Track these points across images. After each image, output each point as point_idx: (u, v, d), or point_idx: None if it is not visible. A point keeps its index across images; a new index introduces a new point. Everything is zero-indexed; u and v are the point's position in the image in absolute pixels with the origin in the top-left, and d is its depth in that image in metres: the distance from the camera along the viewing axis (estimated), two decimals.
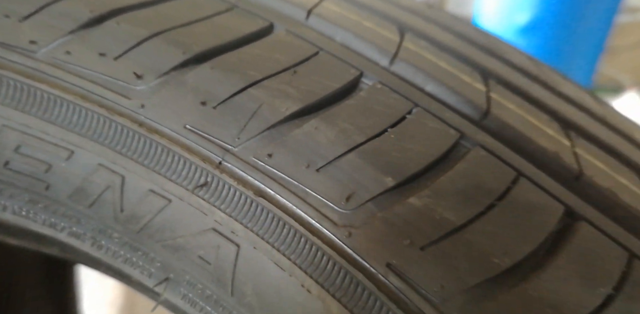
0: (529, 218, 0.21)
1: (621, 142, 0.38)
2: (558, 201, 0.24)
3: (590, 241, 0.21)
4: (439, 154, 0.24)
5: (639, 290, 0.19)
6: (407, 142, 0.24)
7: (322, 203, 0.21)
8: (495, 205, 0.22)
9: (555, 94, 0.43)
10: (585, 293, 0.18)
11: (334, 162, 0.21)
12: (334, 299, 0.19)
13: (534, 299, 0.17)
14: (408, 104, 0.29)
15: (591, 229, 0.22)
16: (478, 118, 0.32)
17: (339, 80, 0.28)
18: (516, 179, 0.25)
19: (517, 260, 0.19)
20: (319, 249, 0.20)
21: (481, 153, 0.26)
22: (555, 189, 0.25)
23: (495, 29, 1.35)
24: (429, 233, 0.20)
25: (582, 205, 0.25)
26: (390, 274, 0.19)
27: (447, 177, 0.22)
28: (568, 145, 0.33)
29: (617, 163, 0.34)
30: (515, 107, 0.36)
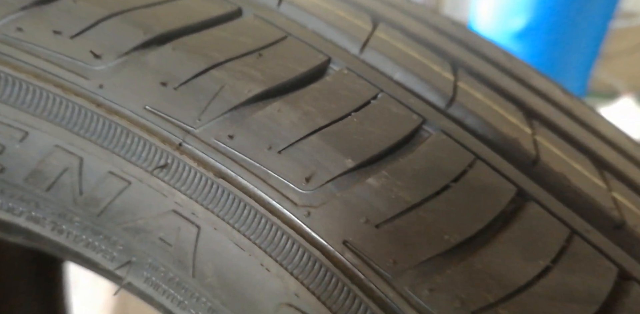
0: (482, 198, 0.22)
1: (582, 131, 0.40)
2: (512, 184, 0.25)
3: (536, 219, 0.22)
4: (399, 138, 0.25)
5: (575, 262, 0.20)
6: (369, 126, 0.25)
7: (283, 184, 0.21)
8: (449, 186, 0.22)
9: (524, 86, 0.44)
10: (525, 264, 0.19)
11: (296, 144, 0.22)
12: (292, 277, 0.20)
13: (478, 271, 0.18)
14: (373, 90, 0.29)
15: (538, 208, 0.23)
16: (444, 106, 0.33)
17: (305, 64, 0.28)
18: (473, 162, 0.26)
19: (467, 236, 0.20)
20: (279, 229, 0.20)
21: (441, 137, 0.27)
22: (511, 172, 0.27)
23: (490, 33, 1.34)
24: (384, 211, 0.20)
25: (534, 187, 0.26)
26: (347, 251, 0.19)
27: (406, 159, 0.23)
28: (529, 132, 0.34)
29: (574, 151, 0.35)
30: (482, 96, 0.37)
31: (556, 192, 0.28)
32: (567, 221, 0.23)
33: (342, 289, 0.19)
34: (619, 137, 0.44)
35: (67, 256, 0.29)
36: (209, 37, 0.26)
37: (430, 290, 0.18)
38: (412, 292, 0.19)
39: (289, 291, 0.20)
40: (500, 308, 0.18)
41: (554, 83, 0.50)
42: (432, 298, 0.18)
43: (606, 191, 0.31)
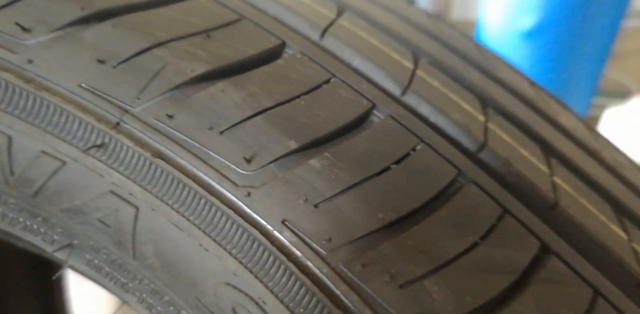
0: (421, 180, 0.23)
1: (539, 121, 0.41)
2: (453, 167, 0.26)
3: (471, 199, 0.23)
4: (346, 121, 0.25)
5: (501, 239, 0.21)
6: (317, 109, 0.25)
7: (224, 165, 0.21)
8: (390, 167, 0.23)
9: (488, 77, 0.45)
10: (454, 240, 0.20)
11: (239, 125, 0.22)
12: (231, 256, 0.20)
13: (408, 247, 0.19)
14: (326, 75, 0.29)
15: (476, 190, 0.24)
16: (398, 93, 0.34)
17: (256, 47, 0.28)
18: (417, 145, 0.26)
19: (401, 214, 0.20)
20: (218, 209, 0.20)
21: (388, 122, 0.27)
22: (454, 156, 0.28)
23: (499, 33, 1.30)
24: (323, 191, 0.21)
25: (475, 170, 0.27)
26: (285, 230, 0.20)
27: (351, 142, 0.23)
28: (482, 120, 0.35)
29: (525, 138, 0.37)
30: (439, 84, 0.38)
31: (497, 175, 0.30)
32: (502, 202, 0.24)
33: (279, 267, 0.20)
34: (579, 128, 0.46)
35: (19, 242, 0.28)
36: (156, 17, 0.26)
37: (362, 265, 0.19)
38: (345, 268, 0.19)
39: (228, 270, 0.20)
40: (427, 280, 0.19)
41: (522, 76, 0.51)
42: (364, 272, 0.19)
43: (548, 175, 0.33)
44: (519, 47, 1.30)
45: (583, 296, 0.20)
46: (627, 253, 0.27)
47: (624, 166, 0.42)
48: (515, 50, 1.31)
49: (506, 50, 1.32)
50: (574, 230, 0.27)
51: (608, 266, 0.25)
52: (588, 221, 0.29)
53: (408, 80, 0.35)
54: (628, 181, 0.40)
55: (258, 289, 0.20)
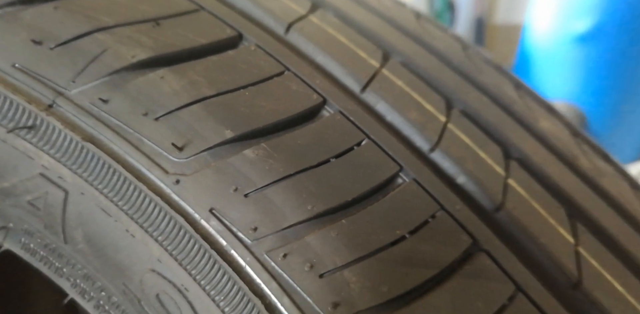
0: (358, 174, 0.23)
1: (509, 124, 0.42)
2: (396, 163, 0.26)
3: (408, 195, 0.24)
4: (290, 114, 0.25)
5: (433, 234, 0.22)
6: (261, 100, 0.25)
7: (156, 152, 0.21)
8: (330, 160, 0.23)
9: (464, 79, 0.45)
10: (381, 234, 0.20)
11: (175, 112, 0.22)
12: (156, 243, 0.20)
13: (332, 238, 0.19)
14: (278, 68, 0.29)
15: (415, 187, 0.25)
16: (357, 90, 0.34)
17: (209, 37, 0.28)
18: (362, 141, 0.27)
19: (331, 206, 0.21)
20: (146, 195, 0.20)
21: (336, 117, 0.27)
22: (400, 154, 0.28)
23: (549, 38, 1.20)
24: (255, 181, 0.21)
25: (420, 168, 0.28)
26: (212, 218, 0.20)
27: (292, 134, 0.24)
28: (442, 120, 0.36)
29: (487, 141, 0.37)
30: (403, 84, 0.38)
31: (445, 175, 0.30)
32: (440, 200, 0.25)
33: (203, 255, 0.20)
34: (560, 133, 0.46)
35: None
36: (103, 2, 0.25)
37: (284, 255, 0.19)
38: (268, 257, 0.19)
39: (153, 257, 0.20)
40: (347, 270, 0.19)
41: (510, 79, 0.51)
42: (285, 262, 0.19)
43: (502, 177, 0.33)
44: (572, 52, 1.19)
45: (503, 291, 0.21)
46: (567, 256, 0.28)
47: (604, 174, 0.43)
48: (567, 55, 1.21)
49: (557, 56, 1.22)
50: (516, 230, 0.28)
51: (544, 267, 0.26)
52: (532, 223, 0.29)
53: (369, 78, 0.35)
54: (601, 188, 0.41)
55: (181, 277, 0.20)
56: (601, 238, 0.33)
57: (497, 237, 0.25)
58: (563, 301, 0.23)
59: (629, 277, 0.30)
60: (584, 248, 0.29)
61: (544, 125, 0.46)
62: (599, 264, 0.28)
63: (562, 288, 0.25)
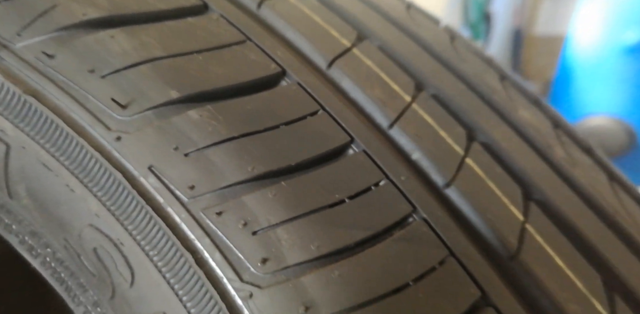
0: (306, 142, 0.24)
1: (481, 109, 0.42)
2: (347, 135, 0.27)
3: (354, 164, 0.24)
4: (243, 81, 0.25)
5: (372, 201, 0.22)
6: (214, 65, 0.25)
7: (100, 109, 0.21)
8: (278, 127, 0.24)
9: (443, 65, 0.45)
10: (319, 196, 0.20)
11: (122, 71, 0.22)
12: (95, 198, 0.20)
13: (269, 199, 0.20)
14: (239, 37, 0.29)
15: (363, 157, 0.25)
16: (324, 66, 0.34)
17: (169, 3, 0.28)
18: (316, 112, 0.27)
19: (271, 169, 0.21)
20: (87, 151, 0.21)
21: (292, 87, 0.28)
22: (355, 127, 0.28)
23: (595, 49, 1.16)
24: (196, 141, 0.21)
25: (374, 142, 0.28)
26: (150, 176, 0.20)
27: (242, 100, 0.24)
28: (407, 100, 0.36)
29: (451, 121, 0.37)
30: (373, 63, 0.38)
31: (401, 150, 0.31)
32: (387, 171, 0.25)
33: (140, 210, 0.20)
34: (539, 124, 0.46)
35: None
36: None
37: (219, 213, 0.20)
38: (204, 214, 0.20)
39: (91, 212, 0.20)
40: (280, 229, 0.19)
41: (496, 70, 0.51)
42: (219, 219, 0.19)
43: (459, 156, 0.34)
44: (620, 65, 1.16)
45: (434, 256, 0.21)
46: (512, 230, 0.29)
47: (578, 164, 0.43)
48: (615, 68, 1.17)
49: (603, 68, 1.18)
50: (463, 204, 0.28)
51: (484, 237, 0.26)
52: (482, 199, 0.30)
53: (336, 55, 0.35)
54: (569, 176, 0.41)
55: (117, 231, 0.20)
56: (556, 221, 0.34)
57: (440, 208, 0.25)
58: (497, 269, 0.24)
59: (576, 257, 0.30)
60: (532, 225, 0.30)
61: (523, 114, 0.46)
62: (544, 240, 0.29)
63: (498, 257, 0.25)
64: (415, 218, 0.24)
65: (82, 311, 0.22)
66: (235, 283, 0.18)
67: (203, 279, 0.18)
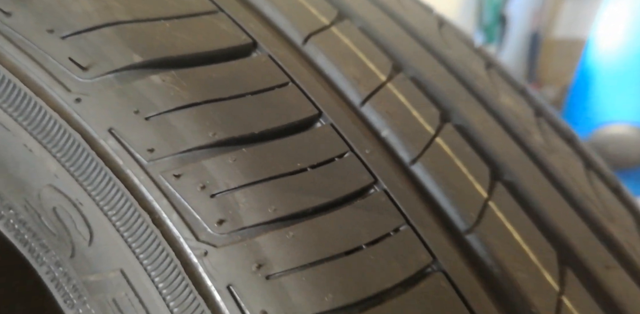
0: (271, 111, 0.24)
1: (461, 93, 0.42)
2: (315, 108, 0.27)
3: (320, 136, 0.25)
4: (210, 49, 0.25)
5: (335, 170, 0.23)
6: (181, 33, 0.25)
7: (60, 70, 0.21)
8: (244, 95, 0.24)
9: (425, 49, 0.45)
10: (282, 163, 0.21)
11: (84, 33, 0.21)
12: (54, 158, 0.20)
13: (229, 164, 0.20)
14: (210, 7, 0.29)
15: (329, 130, 0.26)
16: (299, 42, 0.34)
17: None
18: (285, 84, 0.27)
19: (234, 136, 0.21)
20: (46, 112, 0.21)
21: (262, 59, 0.28)
22: (325, 102, 0.28)
23: (618, 53, 1.11)
24: (158, 105, 0.21)
25: (343, 117, 0.28)
26: (110, 138, 0.20)
27: (208, 67, 0.24)
28: (382, 79, 0.36)
29: (425, 102, 0.38)
30: (350, 42, 0.38)
31: (371, 127, 0.31)
32: (352, 144, 0.26)
33: (99, 172, 0.20)
34: (520, 112, 0.46)
35: None
36: None
37: (178, 176, 0.20)
38: (162, 176, 0.20)
39: (50, 172, 0.21)
40: (238, 192, 0.20)
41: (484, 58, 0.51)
42: (178, 182, 0.20)
43: (430, 135, 0.34)
44: None
45: (390, 223, 0.22)
46: (473, 205, 0.30)
47: (555, 151, 0.44)
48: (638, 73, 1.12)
49: (626, 74, 1.14)
50: (426, 179, 0.29)
51: (444, 210, 0.27)
52: (446, 177, 0.31)
53: (312, 31, 0.35)
54: (543, 161, 0.42)
55: (76, 192, 0.20)
56: (521, 201, 0.35)
57: (402, 181, 0.26)
58: (453, 240, 0.25)
59: (535, 234, 0.32)
60: (495, 202, 0.31)
61: (505, 101, 0.46)
62: (505, 217, 0.30)
63: (456, 229, 0.26)
64: (376, 189, 0.25)
65: (45, 271, 0.22)
66: (192, 242, 0.19)
67: (160, 238, 0.19)
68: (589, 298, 0.28)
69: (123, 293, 0.19)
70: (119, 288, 0.19)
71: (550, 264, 0.28)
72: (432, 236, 0.23)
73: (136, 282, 0.19)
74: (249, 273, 0.18)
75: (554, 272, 0.28)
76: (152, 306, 0.19)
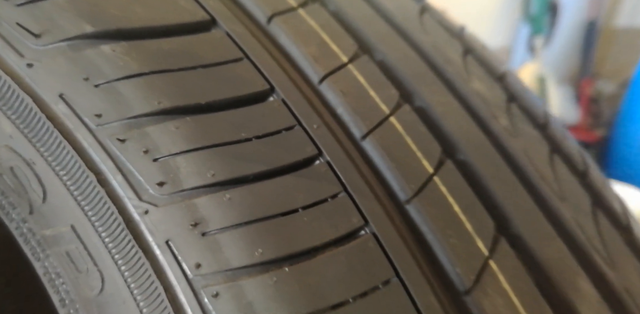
0: (221, 83, 0.25)
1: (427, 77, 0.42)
2: (267, 83, 0.28)
3: (270, 109, 0.26)
4: (165, 23, 0.26)
5: (279, 142, 0.24)
6: (137, 7, 0.26)
7: (13, 36, 0.22)
8: (195, 68, 0.25)
9: (399, 34, 0.45)
10: (225, 132, 0.22)
11: (38, 2, 0.22)
12: (9, 120, 0.22)
13: (172, 130, 0.21)
14: None
15: (279, 104, 0.27)
16: (263, 21, 0.35)
17: None
18: (239, 59, 0.28)
19: (179, 105, 0.22)
20: (0, 76, 0.21)
21: (219, 35, 0.28)
22: (278, 79, 0.29)
23: None
24: (107, 74, 0.22)
25: (292, 91, 0.29)
26: (60, 102, 0.21)
27: (160, 40, 0.25)
28: (344, 60, 0.37)
29: (384, 83, 0.38)
30: (317, 25, 0.39)
31: (329, 106, 0.32)
32: (301, 117, 0.27)
33: (51, 133, 0.21)
34: (490, 95, 0.47)
35: None
36: None
37: (122, 140, 0.21)
38: (109, 141, 0.21)
39: (5, 133, 0.22)
40: (180, 157, 0.21)
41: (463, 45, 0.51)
42: (124, 145, 0.21)
43: (384, 114, 0.35)
44: None
45: (327, 190, 0.24)
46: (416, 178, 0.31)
47: (520, 135, 0.44)
48: None
49: None
50: (375, 153, 0.31)
51: (385, 180, 0.29)
52: (392, 150, 0.32)
53: (276, 12, 0.36)
54: (503, 144, 0.43)
55: (30, 152, 0.21)
56: (469, 178, 0.36)
57: (346, 153, 0.27)
58: (390, 208, 0.27)
59: (475, 207, 0.33)
60: (440, 177, 0.33)
61: (475, 86, 0.47)
62: (447, 190, 0.32)
63: (395, 199, 0.28)
64: (320, 160, 0.26)
65: (15, 227, 0.24)
66: (134, 201, 0.20)
67: (105, 197, 0.20)
68: (519, 264, 0.30)
69: (74, 246, 0.21)
70: (70, 241, 0.21)
71: (485, 232, 0.30)
72: (367, 204, 0.25)
73: (85, 236, 0.21)
74: (186, 230, 0.20)
75: (487, 240, 0.29)
76: (99, 258, 0.20)
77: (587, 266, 0.34)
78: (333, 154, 0.26)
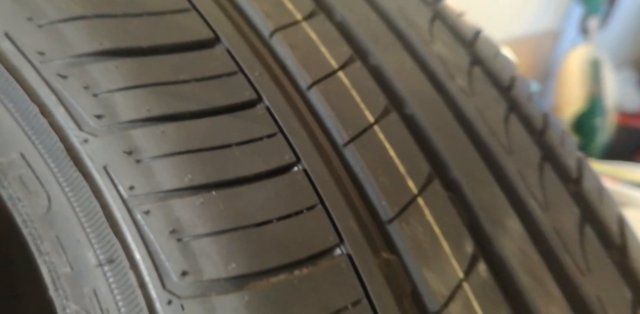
0: (165, 30, 0.26)
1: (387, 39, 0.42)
2: (212, 32, 0.29)
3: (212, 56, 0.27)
4: None
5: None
6: None
7: None
8: (140, 15, 0.26)
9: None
10: (166, 75, 0.23)
11: None
12: None
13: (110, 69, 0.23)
14: None
15: (220, 52, 0.28)
16: None
17: None
18: (187, 10, 0.29)
19: (120, 46, 0.23)
20: None
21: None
22: (224, 29, 0.30)
23: None
24: (50, 15, 0.23)
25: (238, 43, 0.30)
26: (6, 40, 0.22)
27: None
28: (297, 18, 0.37)
29: (339, 42, 0.38)
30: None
31: (277, 59, 0.33)
32: (241, 63, 0.28)
33: None
34: (451, 58, 0.47)
35: None
36: None
37: (64, 76, 0.22)
38: (53, 77, 0.23)
39: None
40: (118, 94, 0.23)
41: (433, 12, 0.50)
42: (65, 82, 0.22)
43: (332, 69, 0.36)
44: None
45: (262, 130, 0.25)
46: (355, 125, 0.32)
47: (475, 94, 0.45)
48: None
49: None
50: (319, 103, 0.32)
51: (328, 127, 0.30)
52: (339, 102, 0.33)
53: None
54: (455, 102, 0.43)
55: None
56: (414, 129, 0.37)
57: (286, 101, 0.29)
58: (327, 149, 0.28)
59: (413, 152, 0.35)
60: (381, 127, 0.34)
61: (436, 48, 0.46)
62: (385, 138, 0.33)
63: (333, 142, 0.30)
64: (260, 105, 0.28)
65: None
66: (75, 131, 0.22)
67: (48, 127, 0.22)
68: (447, 202, 0.32)
69: (25, 171, 0.23)
70: (21, 167, 0.23)
71: (417, 174, 0.32)
72: (301, 144, 0.27)
73: (33, 162, 0.22)
74: (121, 157, 0.22)
75: (419, 181, 0.31)
76: (46, 181, 0.22)
77: (519, 209, 0.36)
78: (272, 100, 0.28)
